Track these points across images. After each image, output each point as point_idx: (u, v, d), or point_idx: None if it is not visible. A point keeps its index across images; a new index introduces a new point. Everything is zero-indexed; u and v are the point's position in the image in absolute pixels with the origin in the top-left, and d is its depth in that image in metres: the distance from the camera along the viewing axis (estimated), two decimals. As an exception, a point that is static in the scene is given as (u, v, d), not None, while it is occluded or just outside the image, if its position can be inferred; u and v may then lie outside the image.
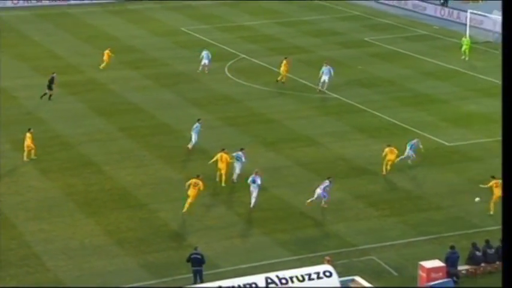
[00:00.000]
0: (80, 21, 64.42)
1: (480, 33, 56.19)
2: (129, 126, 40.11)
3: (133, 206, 31.35)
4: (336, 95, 44.82)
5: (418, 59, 51.67)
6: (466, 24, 55.96)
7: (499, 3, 62.11)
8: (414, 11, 66.05)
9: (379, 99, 44.22)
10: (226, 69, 50.12)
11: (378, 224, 29.98)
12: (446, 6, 64.59)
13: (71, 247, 28.13)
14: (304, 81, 47.22)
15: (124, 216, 30.42)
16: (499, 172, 33.09)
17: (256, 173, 30.91)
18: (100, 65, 49.46)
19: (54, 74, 44.11)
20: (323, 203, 30.79)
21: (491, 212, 30.08)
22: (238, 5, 70.33)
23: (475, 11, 58.18)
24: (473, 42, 52.65)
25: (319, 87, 44.78)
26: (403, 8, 67.23)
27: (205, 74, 48.76)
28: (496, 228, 28.94)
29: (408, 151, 34.43)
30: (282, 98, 44.52)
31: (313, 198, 30.67)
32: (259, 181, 30.68)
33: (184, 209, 30.25)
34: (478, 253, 26.22)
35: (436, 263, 25.08)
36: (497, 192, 29.39)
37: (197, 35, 58.91)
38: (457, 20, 61.17)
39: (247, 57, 52.89)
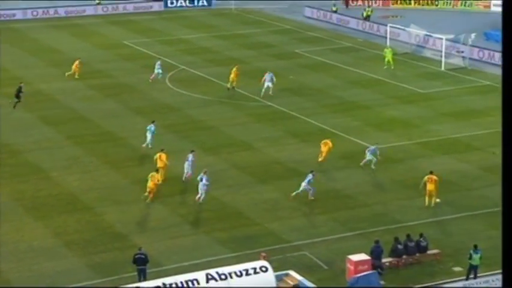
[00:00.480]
0: (24, 35, 63.14)
1: (399, 45, 57.27)
2: (76, 134, 39.52)
3: (81, 209, 30.90)
4: (270, 103, 45.06)
5: (344, 69, 52.38)
6: (386, 37, 57.02)
7: (416, 18, 63.66)
8: (339, 25, 66.93)
9: (310, 106, 44.64)
10: (167, 80, 49.85)
11: (309, 221, 30.26)
12: (368, 21, 65.66)
13: (21, 249, 27.57)
14: (240, 91, 47.31)
15: (71, 220, 29.96)
16: (420, 171, 34.01)
17: (205, 172, 31.33)
18: (66, 73, 48.69)
19: (22, 84, 43.70)
20: (310, 195, 31.26)
21: (427, 204, 30.82)
22: (177, 19, 70.11)
23: (394, 25, 59.30)
24: (393, 53, 53.60)
25: (263, 93, 45.17)
26: (329, 22, 68.04)
27: (148, 84, 48.44)
28: (415, 223, 29.58)
29: (368, 156, 34.66)
30: (220, 106, 44.53)
31: (298, 191, 31.20)
32: (205, 180, 31.03)
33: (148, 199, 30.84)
34: (399, 246, 26.70)
35: (363, 257, 25.42)
36: (430, 186, 30.56)
37: (139, 48, 58.43)
38: (378, 33, 62.23)
39: (186, 68, 52.72)
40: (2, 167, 35.02)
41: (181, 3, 75.61)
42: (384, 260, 26.16)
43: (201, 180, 31.20)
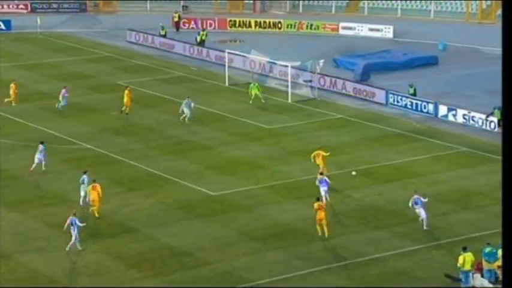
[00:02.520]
0: None
1: (239, 73, 58.46)
2: None
3: None
4: (88, 146, 44.33)
5: (177, 102, 52.64)
6: (224, 65, 58.03)
7: (258, 42, 65.45)
8: (168, 51, 67.29)
9: (137, 147, 44.38)
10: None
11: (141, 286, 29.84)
12: (203, 46, 66.53)
13: None
14: (51, 131, 46.20)
15: None
16: (270, 220, 34.64)
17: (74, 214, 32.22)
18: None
19: None
20: None
21: (321, 234, 33.00)
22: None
23: (232, 51, 60.48)
24: (232, 84, 54.65)
25: (181, 120, 47.78)
26: (156, 48, 68.21)
27: None
28: (266, 281, 29.96)
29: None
30: (25, 152, 43.00)
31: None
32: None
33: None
34: None
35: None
36: (320, 214, 32.91)
37: None
38: (214, 61, 63.16)
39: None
40: None
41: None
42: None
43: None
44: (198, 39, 67.79)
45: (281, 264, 31.40)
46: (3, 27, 73.97)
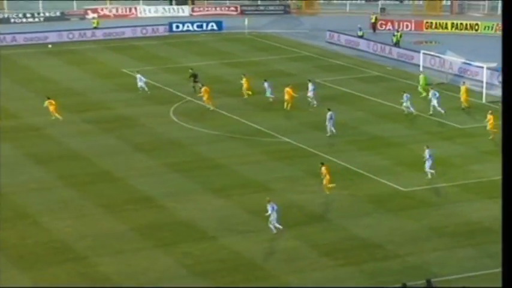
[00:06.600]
0: (14, 63, 63.63)
1: (433, 74, 57.10)
2: (68, 174, 39.41)
3: (72, 259, 30.60)
4: (287, 139, 44.87)
5: (372, 100, 52.15)
6: (419, 65, 56.90)
7: (454, 44, 63.65)
8: (365, 51, 66.94)
9: (332, 142, 44.39)
10: (171, 113, 49.87)
11: (332, 274, 29.75)
12: (398, 47, 65.67)
13: (3, 306, 27.29)
14: (254, 125, 47.22)
15: (62, 271, 29.66)
16: (461, 217, 33.55)
17: (269, 201, 32.63)
18: (52, 117, 47.78)
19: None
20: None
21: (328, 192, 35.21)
22: (184, 45, 70.48)
23: (428, 52, 59.19)
24: (427, 83, 53.45)
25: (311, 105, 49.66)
26: (354, 48, 68.11)
27: (149, 118, 48.51)
28: (456, 277, 28.99)
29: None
30: (231, 142, 44.37)
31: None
32: (271, 209, 32.45)
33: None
34: None
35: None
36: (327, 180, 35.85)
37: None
38: (409, 61, 62.12)
39: (193, 99, 52.71)
40: (-15, 210, 34.92)
41: (188, 26, 76.16)
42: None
43: (273, 209, 32.39)
44: (394, 40, 67.27)
45: (471, 261, 30.31)
46: (215, 27, 76.64)
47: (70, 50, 68.26)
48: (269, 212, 32.53)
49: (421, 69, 56.00)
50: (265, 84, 51.91)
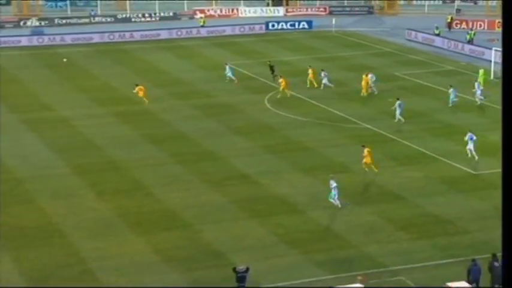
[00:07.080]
0: (134, 56, 65.31)
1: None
2: (178, 152, 40.33)
3: (180, 226, 31.42)
4: (368, 126, 44.58)
5: (446, 92, 51.12)
6: (490, 61, 55.43)
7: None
8: (441, 48, 65.64)
9: (409, 129, 43.85)
10: (266, 101, 50.26)
11: (407, 246, 29.56)
12: (472, 44, 64.20)
13: (123, 264, 28.25)
14: (338, 112, 47.10)
15: (171, 236, 30.49)
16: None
17: (332, 178, 32.69)
18: (145, 102, 49.09)
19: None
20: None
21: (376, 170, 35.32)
22: (278, 41, 70.73)
23: (499, 49, 57.46)
24: (496, 77, 51.97)
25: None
26: (431, 45, 66.89)
27: (248, 105, 49.06)
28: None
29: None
30: (318, 128, 44.42)
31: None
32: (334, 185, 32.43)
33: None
34: (496, 264, 25.22)
35: (463, 284, 24.58)
36: (367, 159, 35.77)
37: (240, 69, 59.24)
38: (482, 57, 60.60)
39: (286, 90, 52.87)
40: (108, 182, 36.13)
41: (282, 25, 76.41)
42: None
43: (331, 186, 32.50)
44: (468, 37, 65.76)
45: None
46: (306, 26, 76.56)
47: (180, 46, 69.51)
48: (333, 185, 32.33)
49: (492, 65, 54.46)
50: (322, 74, 51.80)
